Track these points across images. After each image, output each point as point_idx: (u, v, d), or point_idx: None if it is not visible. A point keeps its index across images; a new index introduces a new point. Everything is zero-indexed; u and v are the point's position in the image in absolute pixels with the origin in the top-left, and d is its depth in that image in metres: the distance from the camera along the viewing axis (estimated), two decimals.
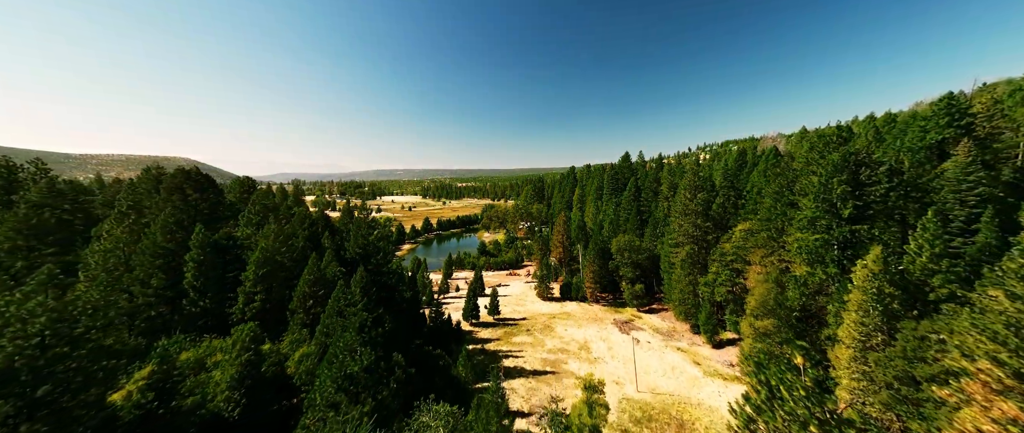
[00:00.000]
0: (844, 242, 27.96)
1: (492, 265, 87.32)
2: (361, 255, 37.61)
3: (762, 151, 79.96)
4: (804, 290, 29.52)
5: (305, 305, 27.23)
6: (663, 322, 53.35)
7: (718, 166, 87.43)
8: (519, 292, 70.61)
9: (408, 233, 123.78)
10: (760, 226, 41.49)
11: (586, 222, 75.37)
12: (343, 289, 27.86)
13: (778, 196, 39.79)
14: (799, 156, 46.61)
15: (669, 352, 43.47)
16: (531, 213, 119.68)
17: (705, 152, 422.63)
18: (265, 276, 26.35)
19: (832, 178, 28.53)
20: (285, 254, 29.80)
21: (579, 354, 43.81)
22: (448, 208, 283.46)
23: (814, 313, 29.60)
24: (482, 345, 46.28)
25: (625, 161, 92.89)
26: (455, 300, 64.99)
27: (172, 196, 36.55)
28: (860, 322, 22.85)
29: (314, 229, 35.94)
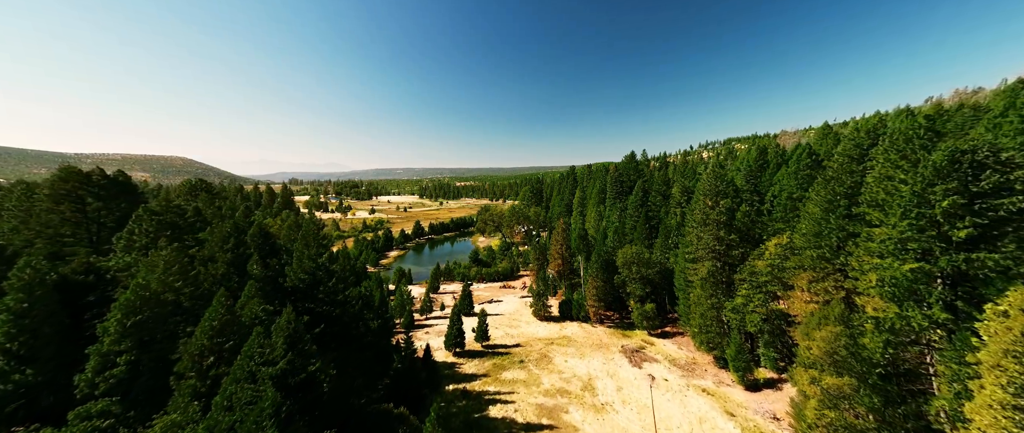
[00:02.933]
0: (955, 275, 20.10)
1: (484, 276, 79.46)
2: (307, 283, 29.69)
3: (782, 149, 72.03)
4: (892, 338, 21.63)
5: (201, 365, 19.39)
6: (680, 350, 45.46)
7: (734, 166, 79.47)
8: (513, 310, 62.69)
9: (396, 239, 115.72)
10: (806, 242, 33.61)
11: (587, 230, 67.50)
12: (260, 339, 20.00)
13: (831, 206, 31.91)
14: (839, 153, 38.81)
15: (693, 395, 35.60)
16: (528, 217, 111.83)
17: (708, 150, 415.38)
18: (140, 327, 18.53)
19: (934, 186, 20.63)
20: (186, 290, 21.87)
21: (582, 397, 35.93)
22: (444, 209, 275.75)
23: (909, 372, 21.73)
24: (464, 386, 38.36)
25: (630, 161, 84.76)
26: (438, 322, 57.07)
27: (60, 206, 28.54)
28: (1015, 405, 14.99)
29: (242, 250, 27.96)
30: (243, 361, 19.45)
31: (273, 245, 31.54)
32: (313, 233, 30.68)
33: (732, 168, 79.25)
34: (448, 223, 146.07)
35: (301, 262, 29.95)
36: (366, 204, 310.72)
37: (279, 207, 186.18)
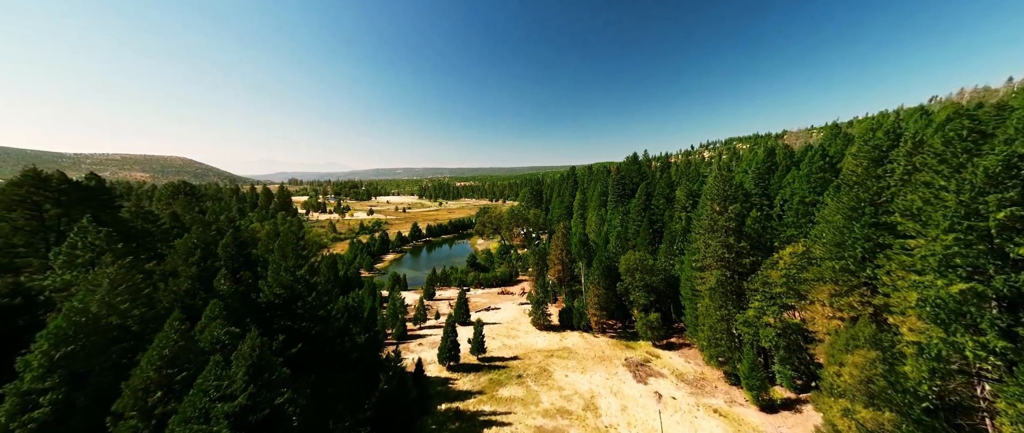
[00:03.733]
0: (1014, 297, 17.51)
1: (482, 281, 76.86)
2: (284, 298, 27.13)
3: (790, 150, 69.40)
4: (937, 367, 19.03)
5: (145, 403, 16.85)
6: (687, 364, 42.89)
7: (740, 168, 76.89)
8: (511, 318, 60.10)
9: (392, 242, 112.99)
10: (826, 253, 31.02)
11: (588, 234, 64.86)
12: (218, 369, 17.44)
13: (854, 213, 29.32)
14: (857, 155, 36.29)
15: (703, 416, 33.01)
16: (528, 219, 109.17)
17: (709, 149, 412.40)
18: (71, 358, 16.01)
19: (986, 195, 18.07)
20: (137, 312, 19.29)
21: (584, 418, 33.35)
22: (444, 209, 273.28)
23: (958, 406, 19.14)
24: (458, 405, 35.79)
25: (632, 162, 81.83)
26: (433, 332, 54.49)
27: (11, 213, 25.97)
28: None
29: (210, 263, 25.38)
30: (195, 396, 16.89)
31: (248, 256, 28.95)
32: (292, 242, 28.08)
33: (739, 170, 76.66)
34: (446, 225, 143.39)
35: (277, 275, 27.37)
36: (365, 205, 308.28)
37: (275, 208, 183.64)
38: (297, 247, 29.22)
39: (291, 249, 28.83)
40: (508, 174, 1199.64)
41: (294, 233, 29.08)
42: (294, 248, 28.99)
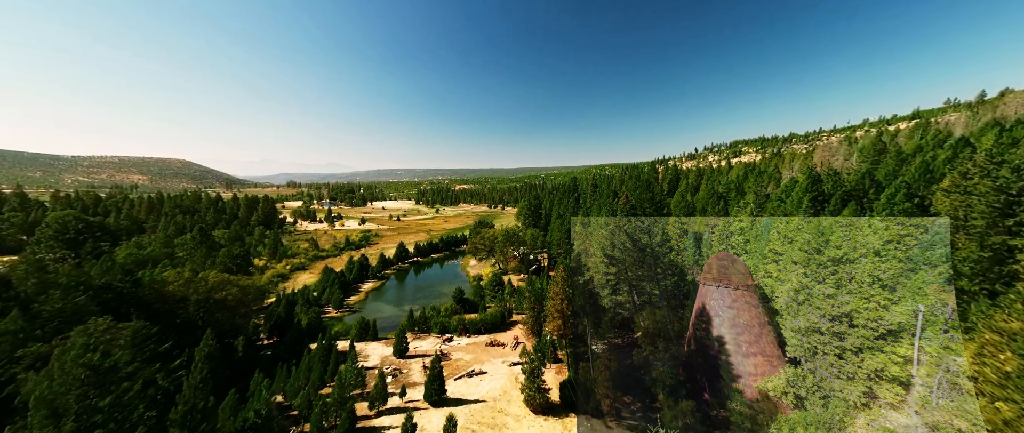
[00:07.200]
0: None
1: (468, 327, 64.47)
2: None
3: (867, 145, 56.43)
4: None
5: None
6: None
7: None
8: (499, 390, 47.66)
9: (373, 267, 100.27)
10: None
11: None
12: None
13: None
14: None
15: None
16: (524, 241, 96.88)
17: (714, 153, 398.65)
18: None
19: None
20: None
21: None
22: (439, 218, 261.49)
23: None
24: None
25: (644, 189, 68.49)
26: (393, 416, 42.09)
27: None
28: None
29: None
30: None
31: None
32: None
33: (800, 178, 63.58)
34: (437, 243, 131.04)
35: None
36: (358, 212, 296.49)
37: (256, 222, 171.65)
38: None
39: None
40: (509, 174, 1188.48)
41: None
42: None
